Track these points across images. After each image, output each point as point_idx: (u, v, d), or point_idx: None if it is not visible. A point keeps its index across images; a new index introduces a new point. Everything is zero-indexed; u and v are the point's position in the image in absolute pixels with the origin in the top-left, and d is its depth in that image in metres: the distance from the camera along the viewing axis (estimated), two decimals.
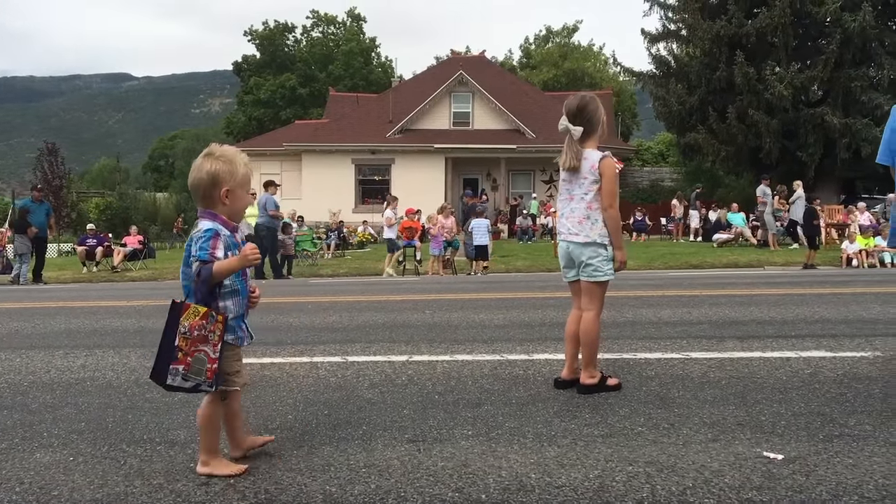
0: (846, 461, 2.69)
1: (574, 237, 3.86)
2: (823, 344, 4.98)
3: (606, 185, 3.84)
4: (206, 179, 2.75)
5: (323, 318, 7.16)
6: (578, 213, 3.86)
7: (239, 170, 2.78)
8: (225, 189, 2.75)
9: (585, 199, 3.85)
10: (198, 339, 2.63)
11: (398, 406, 3.68)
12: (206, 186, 2.76)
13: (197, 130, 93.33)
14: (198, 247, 2.66)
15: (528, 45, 64.80)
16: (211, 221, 2.74)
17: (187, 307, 2.63)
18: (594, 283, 3.85)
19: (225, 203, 2.77)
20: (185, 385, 2.64)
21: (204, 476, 2.72)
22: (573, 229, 3.87)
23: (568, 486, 2.52)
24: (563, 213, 3.97)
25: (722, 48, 28.57)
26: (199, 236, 2.69)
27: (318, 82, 60.01)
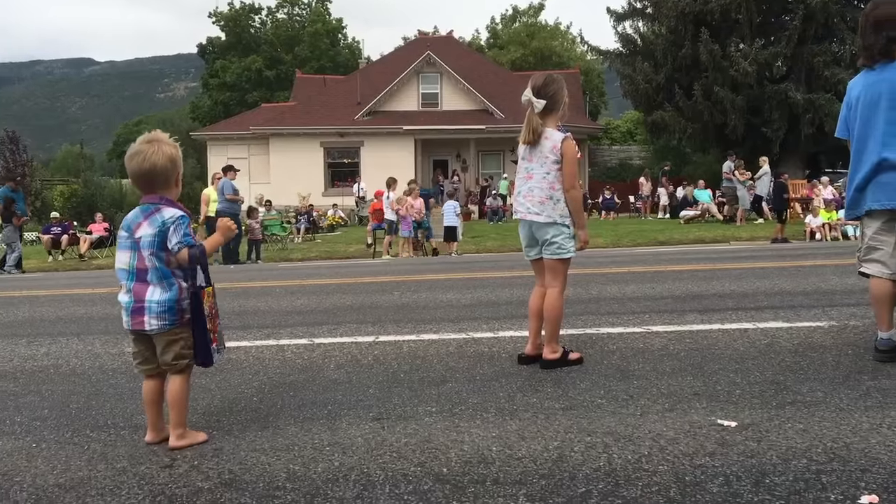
0: (797, 426, 2.77)
1: (535, 217, 3.88)
2: (781, 315, 5.09)
3: (567, 167, 3.88)
4: (170, 166, 2.83)
5: (291, 301, 7.16)
6: (539, 193, 3.89)
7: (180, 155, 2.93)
8: (179, 173, 2.88)
9: (547, 178, 3.88)
10: (215, 315, 2.93)
11: (363, 386, 3.71)
12: (168, 170, 2.83)
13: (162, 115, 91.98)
14: (182, 233, 2.77)
15: (494, 25, 64.60)
16: (175, 208, 2.83)
17: (203, 293, 2.85)
18: (557, 261, 3.90)
19: (177, 189, 2.88)
20: (221, 357, 2.99)
21: (181, 448, 2.80)
22: (533, 209, 3.90)
23: (528, 458, 2.57)
24: (520, 191, 3.99)
25: (687, 25, 28.71)
26: (178, 224, 2.77)
27: (284, 64, 59.38)
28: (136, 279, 2.81)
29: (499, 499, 2.24)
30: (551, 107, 3.91)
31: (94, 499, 2.39)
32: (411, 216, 17.05)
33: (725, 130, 28.30)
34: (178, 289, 2.81)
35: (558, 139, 3.86)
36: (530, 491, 2.29)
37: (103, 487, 2.48)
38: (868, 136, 3.65)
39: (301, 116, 35.42)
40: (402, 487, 2.37)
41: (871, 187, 3.64)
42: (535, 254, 4.00)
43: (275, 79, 59.09)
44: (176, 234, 2.76)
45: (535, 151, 3.92)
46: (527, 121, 3.93)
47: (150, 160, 2.81)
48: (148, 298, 2.78)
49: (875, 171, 3.60)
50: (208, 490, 2.42)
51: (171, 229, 2.77)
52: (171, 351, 2.83)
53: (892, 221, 3.60)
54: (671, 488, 2.26)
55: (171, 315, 2.79)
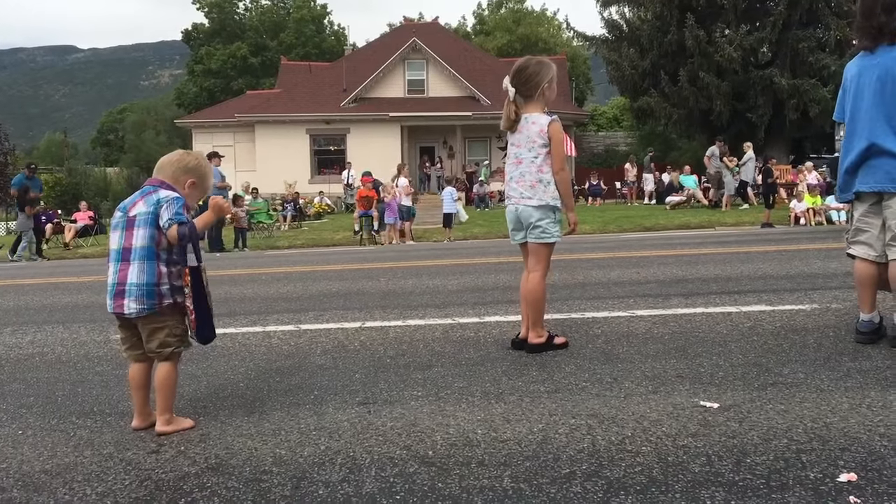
0: (778, 407, 2.81)
1: (527, 200, 3.90)
2: (764, 298, 5.14)
3: (555, 149, 3.89)
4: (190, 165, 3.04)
5: (277, 288, 7.16)
6: (530, 177, 3.90)
7: (209, 179, 3.10)
8: (191, 180, 3.01)
9: (536, 162, 3.89)
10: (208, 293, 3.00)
11: (350, 371, 3.72)
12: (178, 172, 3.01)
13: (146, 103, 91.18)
14: (174, 211, 2.82)
15: (481, 11, 64.39)
16: (172, 191, 2.93)
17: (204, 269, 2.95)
18: (541, 245, 3.92)
19: (185, 192, 2.98)
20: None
21: (167, 434, 2.82)
22: (525, 193, 3.91)
23: (512, 440, 2.60)
24: (511, 176, 3.99)
25: (673, 11, 28.72)
26: (170, 202, 2.84)
27: (269, 51, 59.02)
28: (121, 259, 2.85)
29: (484, 480, 2.26)
30: (526, 93, 3.92)
31: (81, 484, 2.39)
32: (401, 197, 17.05)
33: (711, 116, 28.40)
34: (158, 273, 2.82)
35: (545, 122, 3.87)
36: (515, 472, 2.31)
37: (90, 473, 2.49)
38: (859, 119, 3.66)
39: (287, 103, 35.24)
40: (388, 470, 2.38)
41: (861, 170, 3.67)
42: (520, 238, 4.01)
43: (260, 66, 58.74)
44: (168, 210, 2.82)
45: (523, 136, 3.92)
46: (504, 107, 3.96)
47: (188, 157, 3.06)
48: (129, 281, 2.81)
49: (865, 155, 3.63)
50: (195, 475, 2.43)
51: (164, 206, 2.83)
52: (156, 338, 2.84)
53: (879, 204, 3.63)
54: (654, 468, 2.29)
55: (149, 299, 2.80)
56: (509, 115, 3.91)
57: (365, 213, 18.18)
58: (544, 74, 3.91)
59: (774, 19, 26.98)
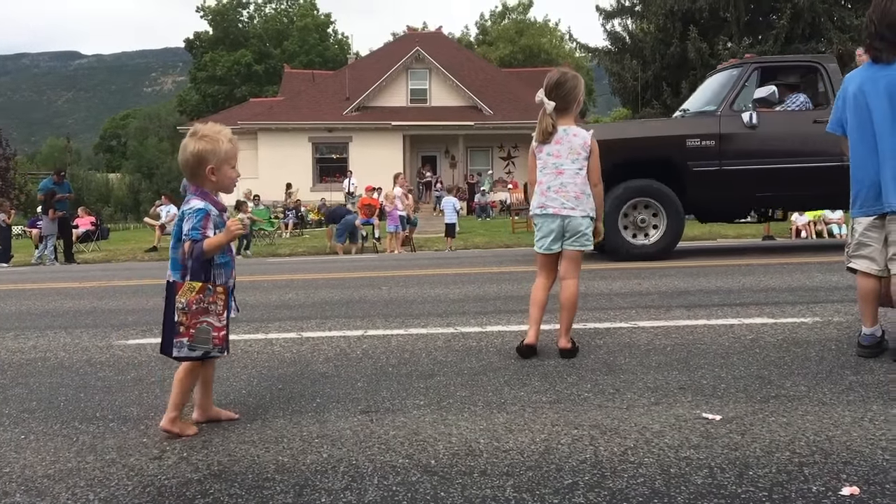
0: (780, 420, 2.81)
1: (571, 211, 3.99)
2: (766, 311, 5.14)
3: (595, 162, 4.05)
4: (192, 160, 2.89)
5: (279, 295, 7.16)
6: (574, 189, 3.99)
7: (221, 147, 2.89)
8: (209, 167, 2.87)
9: (581, 173, 4.01)
10: (198, 311, 2.82)
11: (352, 379, 3.73)
12: (193, 166, 2.89)
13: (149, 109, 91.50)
14: (190, 226, 2.80)
15: (484, 21, 64.63)
16: (202, 201, 2.86)
17: (180, 286, 2.81)
18: (581, 252, 4.08)
19: (212, 180, 2.89)
20: (193, 354, 2.86)
21: (165, 432, 2.86)
22: (568, 203, 3.99)
23: (515, 450, 2.60)
24: (549, 186, 4.03)
25: (675, 23, 28.88)
26: (191, 215, 2.82)
27: (272, 59, 59.28)
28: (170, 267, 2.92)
29: (486, 490, 2.27)
30: (564, 107, 4.03)
31: (84, 489, 2.40)
32: (401, 206, 17.09)
33: None
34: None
35: (587, 135, 4.03)
36: (517, 482, 2.31)
37: (92, 478, 2.49)
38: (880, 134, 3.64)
39: (289, 111, 35.37)
40: (390, 479, 2.39)
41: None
42: (557, 247, 4.08)
43: (263, 73, 58.99)
44: (186, 224, 2.82)
45: (564, 148, 4.01)
46: (539, 120, 4.04)
47: (179, 155, 2.94)
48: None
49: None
50: (197, 481, 2.43)
51: (185, 220, 2.83)
52: None
53: (883, 219, 3.64)
54: (656, 480, 2.29)
55: None
56: (546, 128, 4.00)
57: (367, 220, 18.21)
58: (580, 87, 4.08)
59: (777, 32, 27.10)
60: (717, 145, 8.89)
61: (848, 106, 3.78)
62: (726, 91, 9.32)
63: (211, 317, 2.84)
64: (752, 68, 9.43)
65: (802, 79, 9.72)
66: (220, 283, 2.90)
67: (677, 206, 8.95)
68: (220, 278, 2.92)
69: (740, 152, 8.90)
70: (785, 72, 9.83)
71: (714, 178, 8.90)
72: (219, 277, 2.91)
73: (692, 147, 8.91)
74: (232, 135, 2.97)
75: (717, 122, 8.98)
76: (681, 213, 9.04)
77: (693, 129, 9.10)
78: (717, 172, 8.87)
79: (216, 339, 2.86)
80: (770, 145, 8.95)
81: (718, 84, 9.74)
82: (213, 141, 2.88)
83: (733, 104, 9.13)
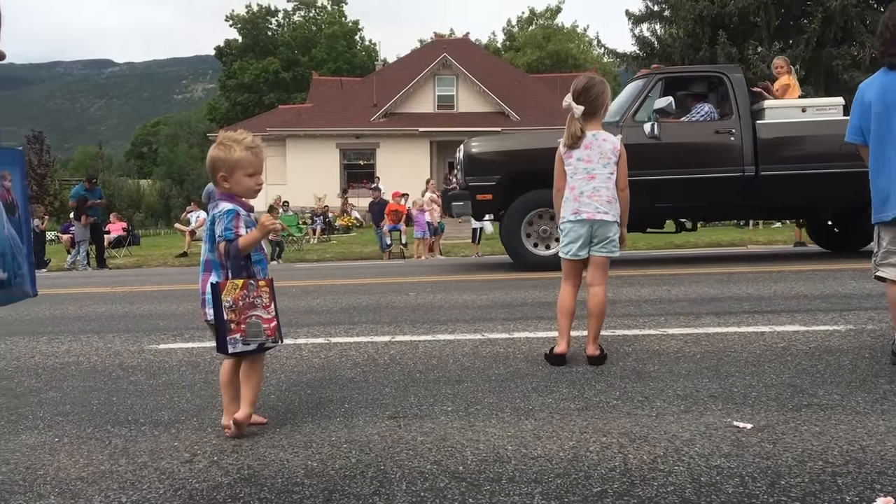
0: (813, 429, 2.78)
1: (604, 216, 4.00)
2: (798, 318, 5.08)
3: (624, 167, 4.07)
4: (208, 165, 3.00)
5: (307, 301, 7.21)
6: (606, 193, 4.01)
7: (233, 154, 2.92)
8: (220, 174, 2.93)
9: (612, 178, 4.03)
10: (245, 307, 2.88)
11: (380, 384, 3.74)
12: (210, 171, 2.99)
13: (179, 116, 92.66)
14: (223, 227, 2.87)
15: (511, 27, 64.62)
16: (230, 202, 2.93)
17: (224, 285, 2.86)
18: (609, 258, 4.08)
19: (224, 186, 2.95)
20: (249, 348, 2.91)
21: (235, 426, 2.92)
22: (601, 208, 4.00)
23: (543, 457, 2.59)
24: (582, 191, 4.04)
25: (704, 28, 28.64)
26: (221, 216, 2.89)
27: (301, 66, 59.73)
28: (203, 270, 2.99)
29: (515, 497, 2.26)
30: (592, 111, 4.05)
31: (116, 492, 2.43)
32: (428, 210, 17.12)
33: None
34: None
35: (616, 141, 4.05)
36: (546, 489, 2.31)
37: (125, 481, 2.52)
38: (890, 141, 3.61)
39: (317, 118, 35.62)
40: (418, 485, 2.39)
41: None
42: (585, 253, 4.07)
43: (291, 80, 59.45)
44: (218, 226, 2.88)
45: (594, 153, 4.02)
46: (567, 125, 4.06)
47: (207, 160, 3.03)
48: (206, 290, 2.93)
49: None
50: (228, 485, 2.45)
51: (217, 222, 2.90)
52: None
53: None
54: (686, 488, 2.27)
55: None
56: (575, 133, 4.02)
57: (394, 226, 18.27)
58: (608, 92, 4.11)
59: (808, 37, 26.79)
60: None
61: (866, 113, 3.73)
62: (629, 102, 9.43)
63: (258, 310, 2.91)
64: (656, 79, 9.51)
65: (709, 89, 9.78)
66: (262, 278, 2.97)
67: None
68: (260, 274, 2.99)
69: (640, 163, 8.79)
70: (690, 82, 9.98)
71: None
72: (258, 274, 2.98)
73: None
74: (254, 143, 2.99)
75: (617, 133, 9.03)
76: None
77: None
78: None
79: (267, 330, 2.93)
80: (670, 156, 9.00)
81: (626, 95, 9.83)
82: (226, 148, 2.93)
83: (635, 115, 9.20)
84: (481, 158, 9.39)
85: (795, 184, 8.96)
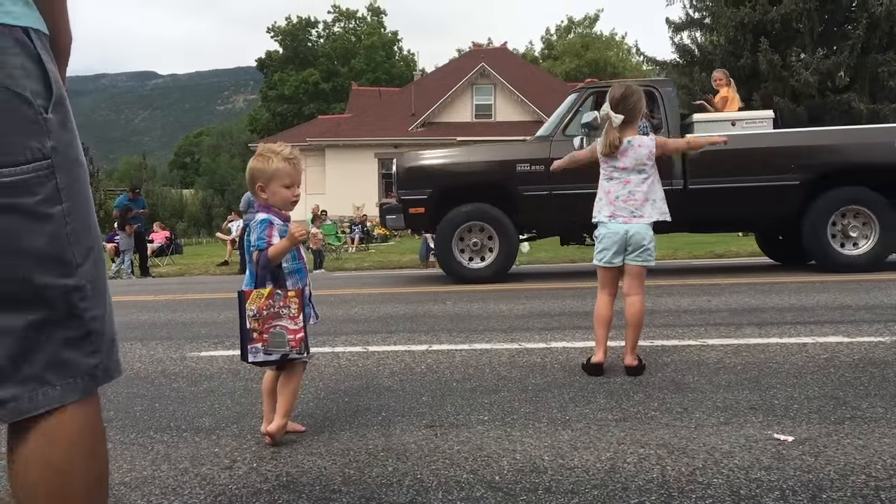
0: (856, 442, 2.73)
1: (640, 220, 4.03)
2: (842, 329, 4.99)
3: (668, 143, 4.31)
4: (247, 176, 3.04)
5: (346, 310, 7.26)
6: (641, 195, 4.05)
7: (271, 165, 2.95)
8: (258, 185, 2.97)
9: (647, 181, 4.07)
10: (269, 317, 2.87)
11: (417, 393, 3.76)
12: (248, 182, 3.03)
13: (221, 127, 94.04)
14: (256, 237, 2.92)
15: (549, 36, 64.52)
16: (265, 213, 2.98)
17: (249, 293, 2.87)
18: (644, 268, 4.10)
19: (262, 196, 2.99)
20: (271, 358, 2.90)
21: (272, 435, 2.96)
22: (637, 212, 4.04)
23: (580, 468, 2.58)
24: (618, 195, 4.09)
25: (746, 35, 28.26)
26: (255, 226, 2.94)
27: (340, 77, 60.28)
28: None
29: None
30: (629, 120, 4.09)
31: (158, 497, 2.47)
32: None
33: None
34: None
35: (651, 144, 4.08)
36: (582, 500, 2.30)
37: (166, 487, 2.57)
38: None
39: (356, 128, 35.88)
40: (454, 494, 2.40)
41: None
42: (619, 261, 4.08)
43: (331, 91, 60.01)
44: (252, 235, 2.94)
45: (630, 159, 4.06)
46: (605, 133, 4.10)
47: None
48: None
49: None
50: (267, 491, 2.49)
51: (251, 232, 2.95)
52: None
53: None
54: (725, 501, 2.24)
55: None
56: (613, 142, 4.05)
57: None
58: (644, 100, 4.17)
59: (853, 43, 26.28)
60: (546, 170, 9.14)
61: None
62: (560, 116, 9.56)
63: (284, 320, 2.88)
64: (587, 93, 9.58)
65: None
66: (292, 288, 2.95)
67: (509, 230, 9.22)
68: (295, 284, 2.99)
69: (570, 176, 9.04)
70: None
71: (544, 202, 9.11)
72: (293, 284, 2.98)
73: (522, 172, 9.17)
74: (291, 154, 3.01)
75: (547, 147, 9.17)
76: (514, 236, 9.32)
77: (523, 154, 9.39)
78: (547, 197, 9.07)
79: (292, 341, 2.89)
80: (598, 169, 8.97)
81: (561, 109, 9.92)
82: (264, 160, 2.97)
83: (565, 129, 9.29)
84: (413, 172, 9.58)
85: (724, 197, 8.98)
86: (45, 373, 1.28)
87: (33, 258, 1.24)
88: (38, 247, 1.25)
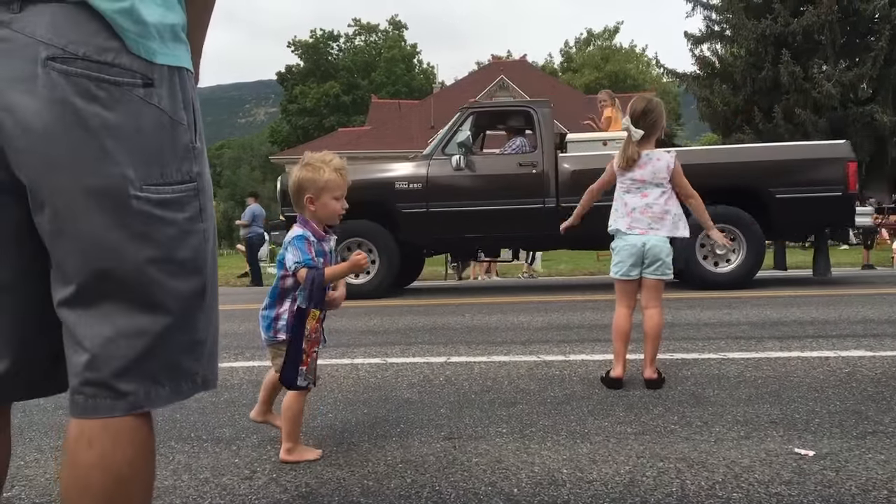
0: (878, 457, 2.70)
1: (656, 232, 4.02)
2: (864, 343, 4.94)
3: (682, 179, 4.13)
4: (293, 187, 2.90)
5: (365, 321, 7.28)
6: (658, 209, 4.04)
7: (323, 176, 2.83)
8: (307, 196, 2.85)
9: (664, 195, 4.06)
10: (315, 341, 2.76)
11: (435, 405, 3.76)
12: (295, 193, 2.90)
13: (243, 140, 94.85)
14: (301, 255, 2.77)
15: (568, 48, 64.56)
16: (302, 228, 2.88)
17: (310, 312, 2.72)
18: (662, 281, 4.08)
19: (310, 209, 2.87)
20: (304, 384, 2.77)
21: (289, 463, 2.89)
22: (654, 224, 4.03)
23: (598, 481, 2.58)
24: (635, 208, 4.08)
25: (767, 47, 28.19)
26: (290, 242, 2.84)
27: (360, 90, 60.62)
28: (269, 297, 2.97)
29: None
30: (650, 134, 4.10)
31: None
32: None
33: None
34: (278, 309, 2.90)
35: (670, 158, 4.07)
36: None
37: (187, 497, 2.59)
38: None
39: (376, 140, 36.06)
40: None
41: None
42: (636, 273, 4.07)
43: (351, 104, 60.35)
44: (291, 253, 2.81)
45: (648, 172, 4.06)
46: (623, 147, 4.10)
47: (289, 181, 2.96)
48: (261, 313, 2.95)
49: None
50: (286, 502, 2.50)
51: (288, 250, 2.83)
52: (275, 364, 2.96)
53: None
54: None
55: (266, 331, 2.93)
56: (631, 156, 4.05)
57: None
58: (665, 114, 4.17)
59: (875, 55, 26.14)
60: (424, 188, 9.38)
61: None
62: (441, 136, 9.78)
63: (318, 347, 2.79)
64: (468, 113, 9.75)
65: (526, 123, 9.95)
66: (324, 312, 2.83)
67: (391, 246, 9.42)
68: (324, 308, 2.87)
69: (447, 194, 9.32)
70: (500, 116, 10.42)
71: (422, 219, 9.32)
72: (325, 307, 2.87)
73: (401, 190, 9.38)
74: (342, 165, 2.89)
75: (426, 166, 9.41)
76: (394, 253, 9.47)
77: (402, 173, 9.58)
78: (424, 214, 9.29)
79: (316, 369, 2.83)
80: (475, 188, 9.34)
81: (444, 129, 10.09)
82: (315, 170, 2.84)
83: (444, 148, 9.49)
84: None
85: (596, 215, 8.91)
86: (160, 373, 1.39)
87: (181, 268, 1.38)
88: (186, 257, 1.39)
